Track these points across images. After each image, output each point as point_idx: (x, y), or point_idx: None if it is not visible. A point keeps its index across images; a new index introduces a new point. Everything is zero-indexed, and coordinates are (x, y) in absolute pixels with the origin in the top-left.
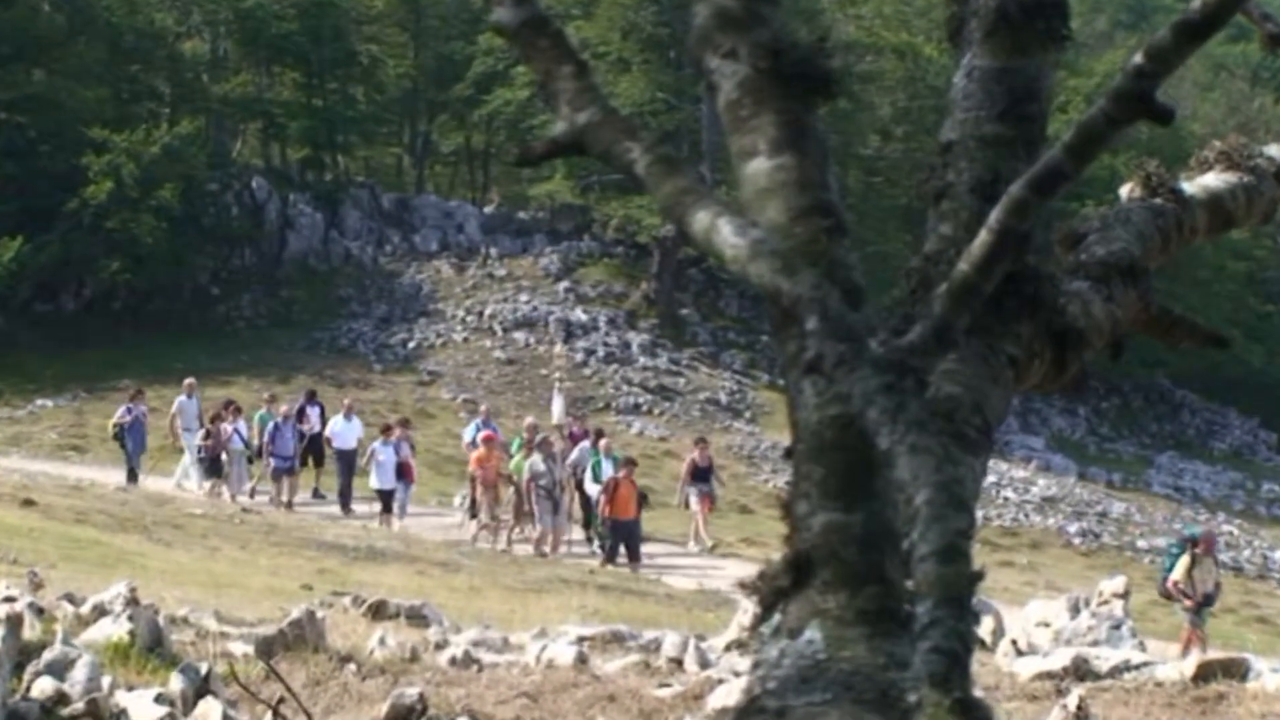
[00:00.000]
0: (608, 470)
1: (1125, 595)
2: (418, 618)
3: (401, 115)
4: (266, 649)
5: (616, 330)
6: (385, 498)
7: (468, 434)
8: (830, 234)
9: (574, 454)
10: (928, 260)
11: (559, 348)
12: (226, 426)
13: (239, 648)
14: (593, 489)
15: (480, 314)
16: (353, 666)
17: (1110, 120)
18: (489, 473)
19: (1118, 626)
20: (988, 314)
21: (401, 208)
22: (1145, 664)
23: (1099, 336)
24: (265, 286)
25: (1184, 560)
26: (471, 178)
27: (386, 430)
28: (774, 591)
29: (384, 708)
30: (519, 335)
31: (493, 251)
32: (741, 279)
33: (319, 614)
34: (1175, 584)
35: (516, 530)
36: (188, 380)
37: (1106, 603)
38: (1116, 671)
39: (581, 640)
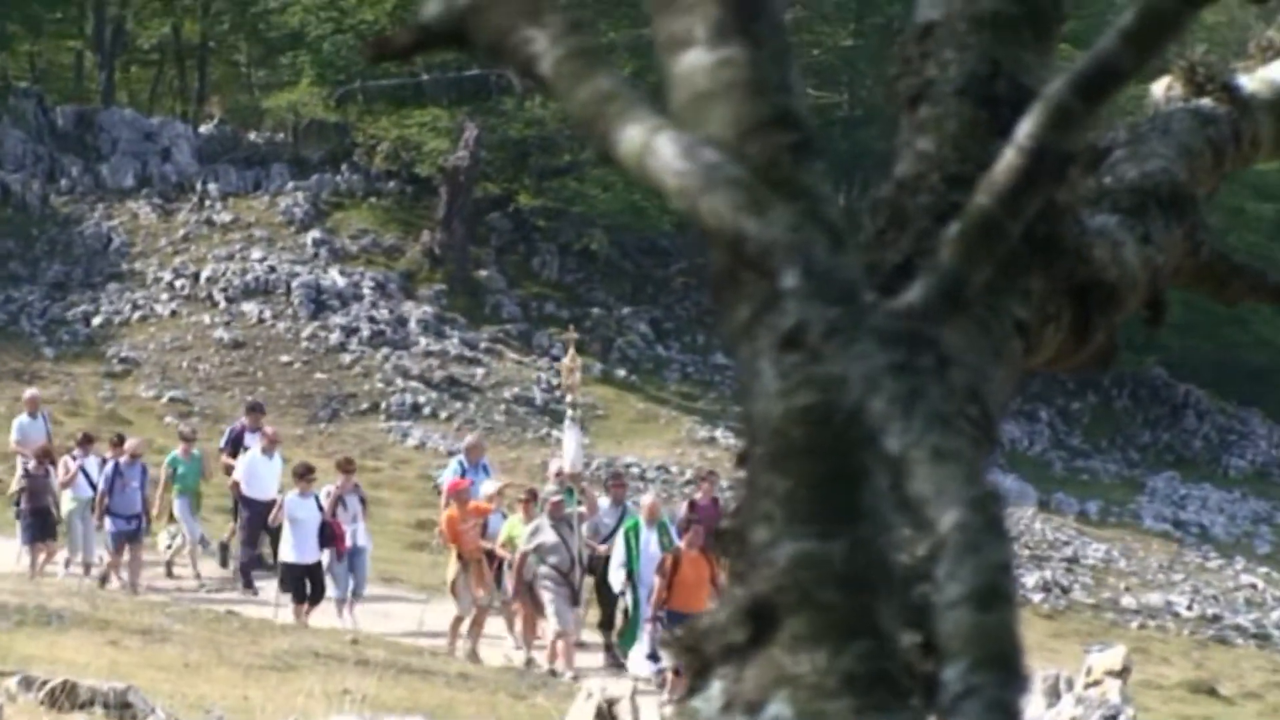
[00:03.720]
0: (649, 542)
1: (1123, 673)
2: (121, 706)
3: None
4: None
5: (387, 300)
6: (299, 578)
7: (446, 475)
8: (796, 154)
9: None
10: (901, 188)
11: (570, 355)
12: (69, 462)
13: None
14: (618, 576)
15: (194, 277)
16: None
17: None
18: (469, 540)
19: (1113, 718)
20: None
21: (82, 125)
22: None
23: (1133, 292)
24: None
25: None
26: (182, 83)
27: (304, 475)
28: (719, 650)
29: None
30: (249, 307)
31: (212, 188)
32: (683, 217)
33: None
34: None
35: (522, 629)
36: (30, 392)
37: (1097, 684)
38: None
39: None
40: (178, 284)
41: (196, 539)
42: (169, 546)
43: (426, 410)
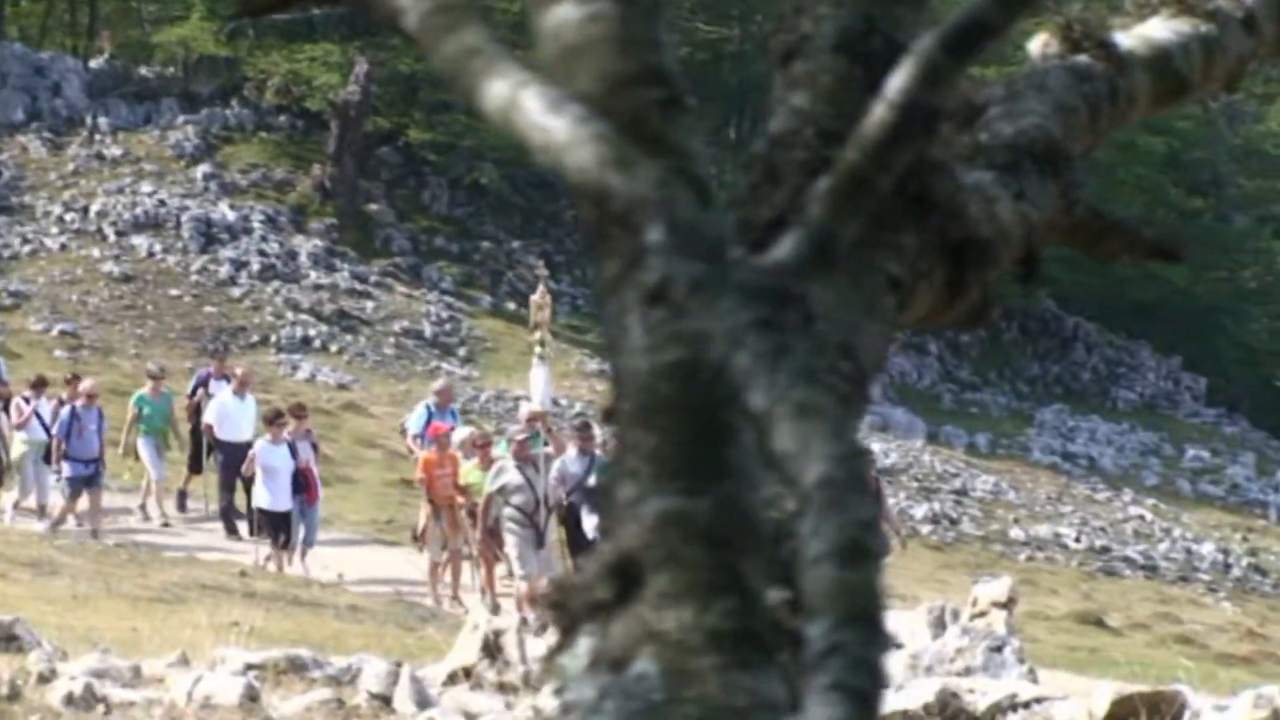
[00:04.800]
0: None
1: (1009, 604)
2: (8, 639)
3: None
4: None
5: (277, 234)
6: (279, 523)
7: (414, 421)
8: (664, 110)
9: (555, 466)
10: (775, 144)
11: (540, 291)
12: (22, 405)
13: None
14: (591, 522)
15: (84, 211)
16: None
17: None
18: (442, 486)
19: (999, 649)
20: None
21: None
22: (1038, 700)
23: (1008, 248)
24: None
25: None
26: (73, 18)
27: (275, 421)
28: (585, 607)
29: None
30: (140, 241)
31: (102, 123)
32: (552, 172)
33: None
34: None
35: (482, 573)
36: None
37: (983, 615)
38: (999, 711)
39: (248, 669)
40: (68, 218)
41: (160, 479)
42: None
43: (316, 343)
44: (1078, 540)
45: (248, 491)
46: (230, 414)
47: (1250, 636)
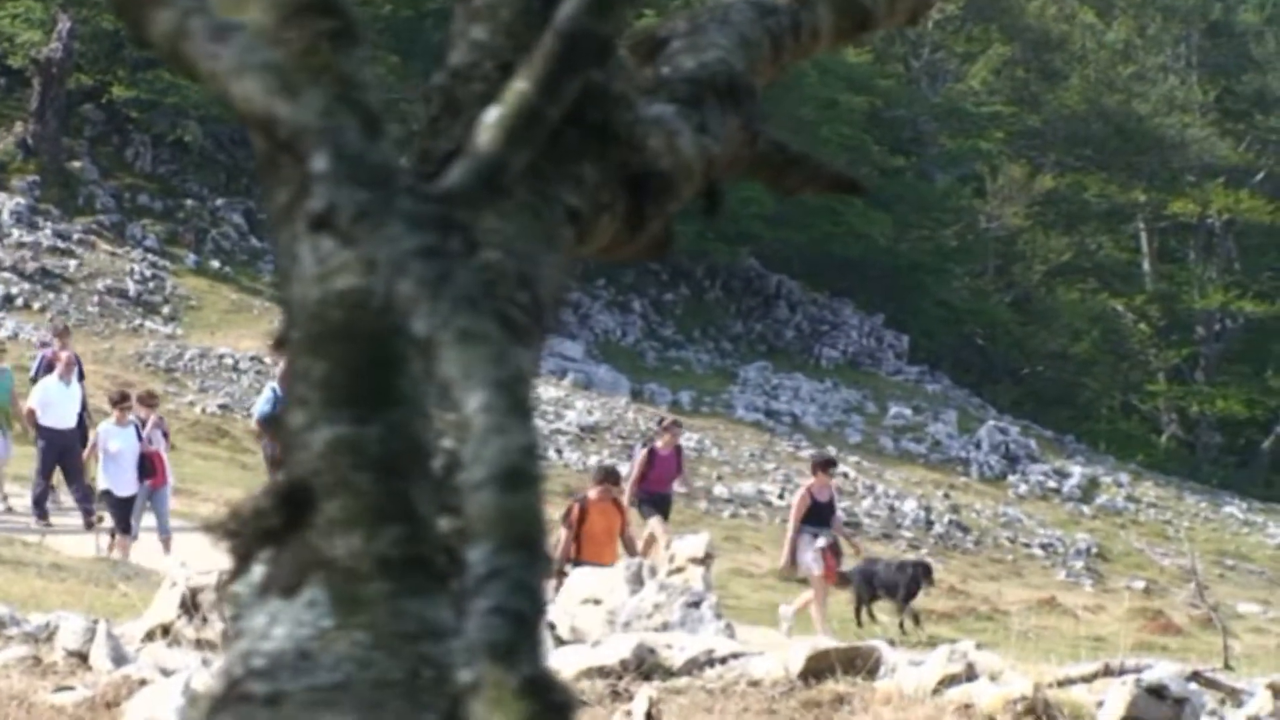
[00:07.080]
0: None
1: (706, 560)
2: None
3: None
4: None
5: None
6: (122, 510)
7: (261, 405)
8: (336, 41)
9: None
10: (456, 76)
11: None
12: None
13: None
14: None
15: None
16: None
17: None
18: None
19: (696, 604)
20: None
21: None
22: (735, 655)
23: (689, 181)
24: None
25: None
26: None
27: (120, 404)
28: (258, 534)
29: None
30: None
31: None
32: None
33: None
34: None
35: None
36: None
37: (680, 570)
38: (696, 666)
39: None
40: None
41: (4, 458)
42: None
43: (19, 301)
44: (781, 497)
45: (67, 475)
46: (54, 400)
47: (951, 593)
